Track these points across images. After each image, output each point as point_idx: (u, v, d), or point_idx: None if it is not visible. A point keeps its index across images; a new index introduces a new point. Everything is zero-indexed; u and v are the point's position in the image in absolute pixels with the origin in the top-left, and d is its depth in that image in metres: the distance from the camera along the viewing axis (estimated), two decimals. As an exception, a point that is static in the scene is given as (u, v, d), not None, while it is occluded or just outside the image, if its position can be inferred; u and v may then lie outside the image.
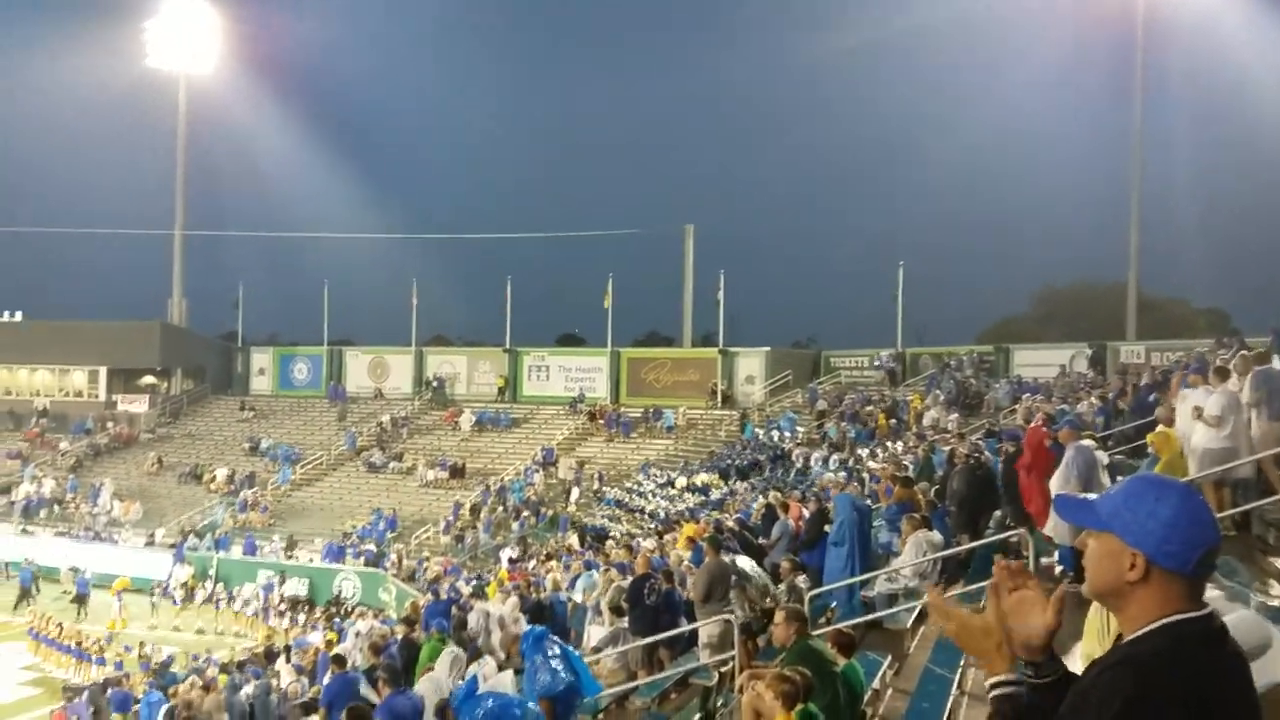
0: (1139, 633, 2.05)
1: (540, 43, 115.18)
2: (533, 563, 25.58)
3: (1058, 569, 9.73)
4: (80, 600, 32.73)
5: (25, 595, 33.50)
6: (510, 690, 9.14)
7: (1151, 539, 2.06)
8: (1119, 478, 11.04)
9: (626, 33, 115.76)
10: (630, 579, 12.99)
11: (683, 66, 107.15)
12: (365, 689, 10.63)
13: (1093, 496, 2.24)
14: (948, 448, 17.30)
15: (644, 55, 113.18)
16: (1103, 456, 10.49)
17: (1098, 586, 2.14)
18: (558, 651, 9.26)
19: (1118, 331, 40.64)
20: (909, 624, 10.12)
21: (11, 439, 49.78)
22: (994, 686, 2.18)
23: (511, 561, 27.28)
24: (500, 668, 11.76)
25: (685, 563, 14.20)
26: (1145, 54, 42.31)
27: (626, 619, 12.42)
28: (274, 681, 17.01)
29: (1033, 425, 12.89)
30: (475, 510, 37.02)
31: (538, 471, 39.47)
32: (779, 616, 7.50)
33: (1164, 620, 2.03)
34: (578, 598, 15.46)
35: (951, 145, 75.05)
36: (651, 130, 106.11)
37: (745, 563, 11.85)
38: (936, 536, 11.20)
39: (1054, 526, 9.70)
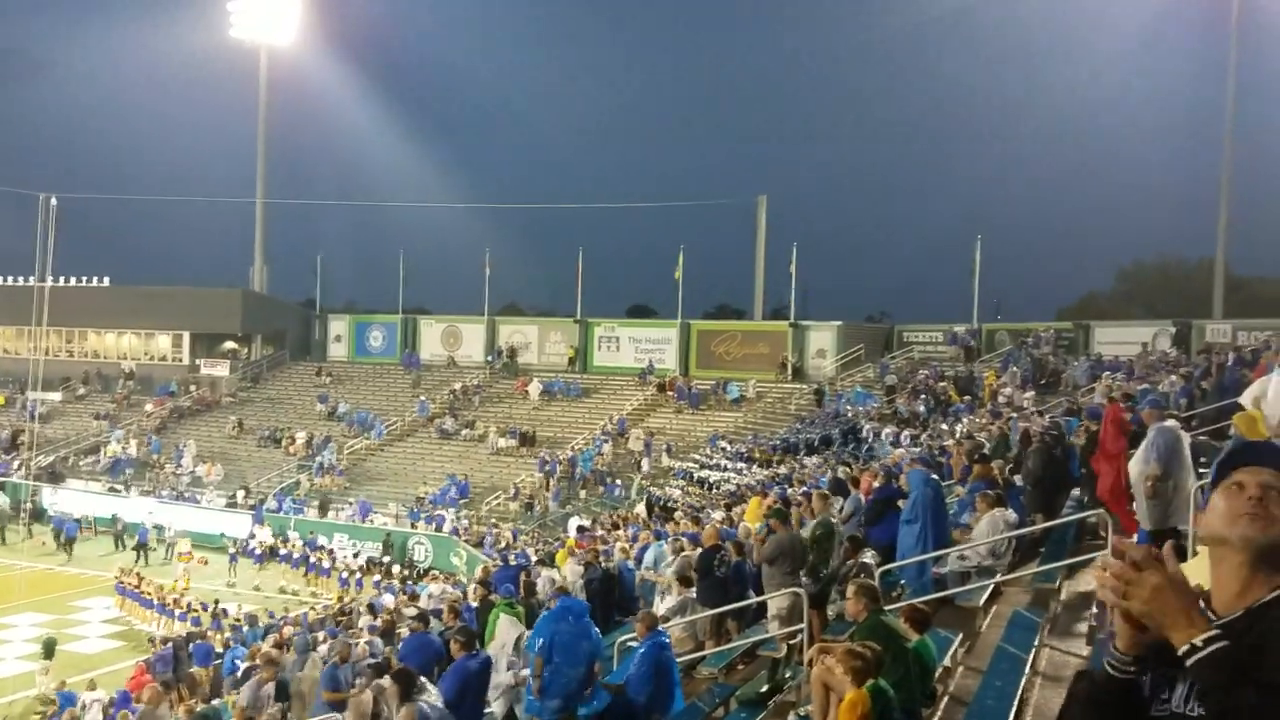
0: None
1: (615, 13, 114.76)
2: (600, 531, 25.76)
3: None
4: (141, 549, 34.86)
5: (70, 545, 35.85)
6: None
7: None
8: (1202, 460, 10.80)
9: (700, 2, 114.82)
10: (699, 550, 13.03)
11: (758, 36, 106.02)
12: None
13: None
14: (1023, 425, 16.97)
15: (718, 25, 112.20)
16: (1186, 438, 10.21)
17: None
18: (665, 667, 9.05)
19: (1203, 309, 39.43)
20: (980, 602, 10.01)
21: (99, 400, 51.63)
22: (1208, 642, 1.98)
23: (580, 530, 27.49)
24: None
25: (754, 534, 14.19)
26: (1239, 20, 40.65)
27: (694, 589, 12.47)
28: (350, 641, 17.38)
29: (1111, 403, 12.61)
30: (545, 478, 37.46)
31: (607, 442, 39.72)
32: (850, 591, 7.49)
33: None
34: (649, 562, 15.54)
35: (1034, 117, 73.29)
36: (725, 101, 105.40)
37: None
38: (1012, 515, 11.05)
39: (1140, 510, 9.52)
